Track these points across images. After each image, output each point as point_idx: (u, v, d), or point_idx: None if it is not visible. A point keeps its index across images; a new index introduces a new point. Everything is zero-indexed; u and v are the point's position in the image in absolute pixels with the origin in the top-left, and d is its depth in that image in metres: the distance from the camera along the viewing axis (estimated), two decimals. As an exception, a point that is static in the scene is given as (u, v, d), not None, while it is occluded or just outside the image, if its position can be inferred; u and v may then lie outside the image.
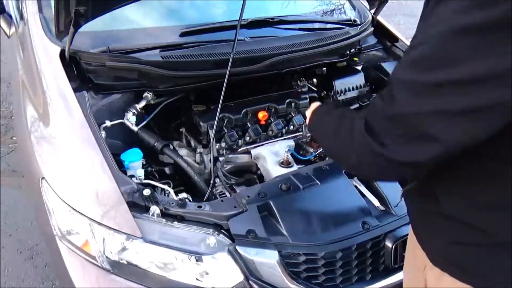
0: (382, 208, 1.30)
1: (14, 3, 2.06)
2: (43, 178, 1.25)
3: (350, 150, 0.77)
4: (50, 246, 1.27)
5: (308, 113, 1.08)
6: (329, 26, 2.02)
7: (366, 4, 2.20)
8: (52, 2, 1.69)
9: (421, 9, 0.69)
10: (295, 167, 1.52)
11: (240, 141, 1.58)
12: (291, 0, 2.13)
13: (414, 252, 0.92)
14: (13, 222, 2.18)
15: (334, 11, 2.22)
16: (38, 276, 1.93)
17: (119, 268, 1.15)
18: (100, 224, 1.14)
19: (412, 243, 0.94)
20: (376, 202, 1.32)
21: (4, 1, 1.93)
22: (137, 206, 1.16)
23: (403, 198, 0.96)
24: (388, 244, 1.22)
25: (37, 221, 1.66)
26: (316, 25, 2.01)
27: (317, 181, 1.30)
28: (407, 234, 1.23)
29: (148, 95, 1.55)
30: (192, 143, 1.61)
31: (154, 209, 1.14)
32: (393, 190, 1.32)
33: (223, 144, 1.55)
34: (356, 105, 1.88)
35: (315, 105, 1.10)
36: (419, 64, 0.64)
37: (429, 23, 0.64)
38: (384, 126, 0.69)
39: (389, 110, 0.68)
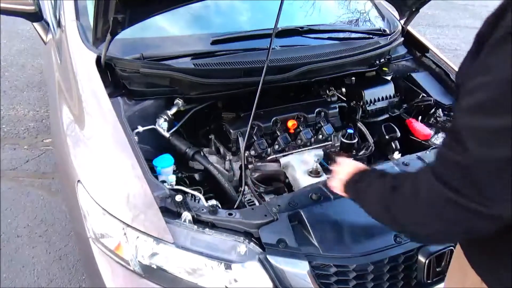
0: (414, 221, 1.27)
1: (51, 11, 2.13)
2: (78, 181, 1.28)
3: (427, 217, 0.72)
4: (83, 248, 1.30)
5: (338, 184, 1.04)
6: (358, 35, 2.01)
7: (396, 14, 2.19)
8: (89, 11, 1.75)
9: (445, 19, 0.67)
10: (324, 177, 1.52)
11: (269, 149, 1.59)
12: (317, 2, 2.13)
13: (465, 273, 0.88)
14: (42, 223, 2.24)
15: (363, 21, 2.21)
16: (65, 277, 1.96)
17: (150, 272, 1.16)
18: (133, 228, 1.16)
19: (461, 263, 0.90)
20: (408, 215, 1.29)
21: (42, 9, 2.00)
22: (169, 212, 1.17)
23: None
24: (421, 259, 1.19)
25: (71, 223, 1.70)
26: (346, 35, 2.01)
27: (348, 192, 1.29)
28: (440, 250, 1.21)
29: (179, 101, 1.58)
30: (221, 150, 1.62)
31: (186, 215, 1.15)
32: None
33: (252, 152, 1.56)
34: (386, 116, 1.85)
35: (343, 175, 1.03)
36: (484, 108, 0.61)
37: (489, 64, 0.61)
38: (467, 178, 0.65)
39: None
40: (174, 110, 1.56)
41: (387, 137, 1.72)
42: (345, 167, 1.05)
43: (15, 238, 2.14)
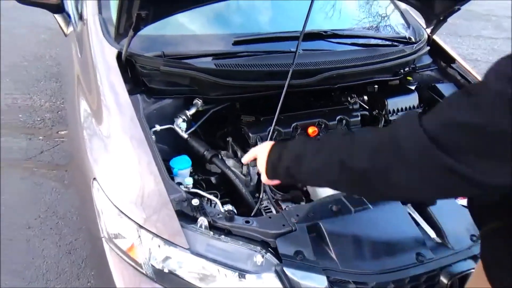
0: (438, 240, 1.23)
1: (73, 3, 2.12)
2: (94, 178, 1.26)
3: (397, 166, 0.69)
4: (95, 246, 1.28)
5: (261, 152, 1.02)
6: (383, 42, 1.96)
7: (422, 22, 2.13)
8: (112, 5, 1.73)
9: (467, 29, 0.64)
10: (343, 187, 1.47)
11: (288, 156, 1.55)
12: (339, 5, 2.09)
13: None
14: (54, 216, 2.23)
15: (388, 28, 2.16)
16: (74, 272, 1.95)
17: (161, 276, 1.13)
18: (147, 230, 1.13)
19: (480, 278, 0.86)
20: (431, 233, 1.24)
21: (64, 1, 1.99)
22: (185, 216, 1.14)
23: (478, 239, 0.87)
24: (444, 280, 1.14)
25: (83, 219, 1.68)
26: (371, 41, 1.96)
27: (369, 205, 1.24)
28: (464, 271, 1.16)
29: (198, 102, 1.55)
30: (239, 154, 1.59)
31: (202, 221, 1.12)
32: (450, 221, 1.25)
33: (271, 158, 1.52)
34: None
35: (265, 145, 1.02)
36: None
37: None
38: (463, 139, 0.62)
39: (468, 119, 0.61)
40: (193, 110, 1.53)
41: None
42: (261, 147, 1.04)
43: (26, 229, 2.13)
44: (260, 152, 1.05)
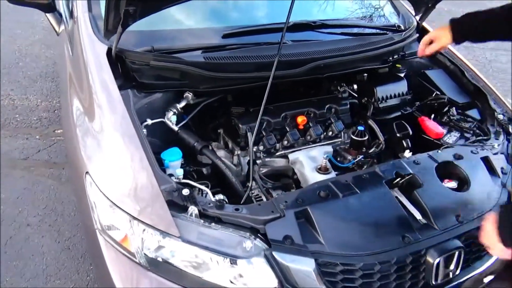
0: (423, 221, 1.25)
1: (64, 2, 2.14)
2: (87, 172, 1.29)
3: None
4: (90, 239, 1.30)
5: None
6: (372, 31, 1.98)
7: (411, 10, 2.15)
8: (101, 2, 1.75)
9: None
10: (333, 174, 1.50)
11: (278, 145, 1.57)
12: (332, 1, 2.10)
13: None
14: (52, 213, 2.26)
15: (377, 16, 2.17)
16: (73, 267, 1.98)
17: (155, 265, 1.16)
18: (139, 221, 1.16)
19: None
20: (417, 215, 1.27)
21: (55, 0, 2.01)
22: (176, 205, 1.17)
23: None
24: (430, 259, 1.17)
25: (79, 214, 1.71)
26: (359, 30, 1.97)
27: (357, 190, 1.27)
28: (450, 250, 1.19)
29: (188, 95, 1.57)
30: (230, 145, 1.61)
31: (193, 210, 1.15)
32: (436, 202, 1.28)
33: (261, 147, 1.55)
34: (398, 113, 1.82)
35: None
36: None
37: None
38: None
39: None
40: (183, 103, 1.55)
41: (398, 135, 1.69)
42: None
43: (26, 227, 2.17)
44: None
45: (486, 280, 1.32)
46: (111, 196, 1.21)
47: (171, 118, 1.52)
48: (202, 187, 1.32)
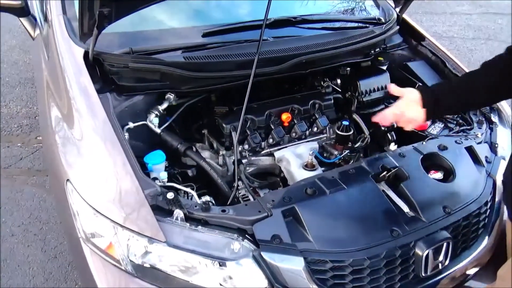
0: (411, 214, 1.25)
1: (38, 4, 2.08)
2: (68, 180, 1.25)
3: None
4: (75, 248, 1.27)
5: None
6: (353, 25, 1.97)
7: (391, 2, 2.15)
8: (76, 4, 1.70)
9: (442, 6, 0.63)
10: (319, 170, 1.49)
11: (263, 143, 1.56)
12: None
13: None
14: (37, 221, 2.21)
15: (358, 10, 2.17)
16: (61, 276, 1.95)
17: (142, 271, 1.14)
18: (124, 227, 1.13)
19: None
20: (405, 208, 1.27)
21: (29, 3, 1.95)
22: (161, 210, 1.15)
23: None
24: (419, 252, 1.18)
25: (62, 222, 1.67)
26: (340, 24, 1.96)
27: (344, 185, 1.27)
28: (438, 241, 1.20)
29: (170, 96, 1.54)
30: (215, 145, 1.59)
31: (178, 213, 1.13)
32: (423, 195, 1.28)
33: (246, 146, 1.53)
34: (382, 106, 1.82)
35: None
36: None
37: None
38: None
39: None
40: (165, 105, 1.53)
41: (383, 128, 1.69)
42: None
43: (10, 237, 2.12)
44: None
45: (471, 272, 1.34)
46: (93, 203, 1.18)
47: (153, 121, 1.49)
48: (188, 189, 1.30)
